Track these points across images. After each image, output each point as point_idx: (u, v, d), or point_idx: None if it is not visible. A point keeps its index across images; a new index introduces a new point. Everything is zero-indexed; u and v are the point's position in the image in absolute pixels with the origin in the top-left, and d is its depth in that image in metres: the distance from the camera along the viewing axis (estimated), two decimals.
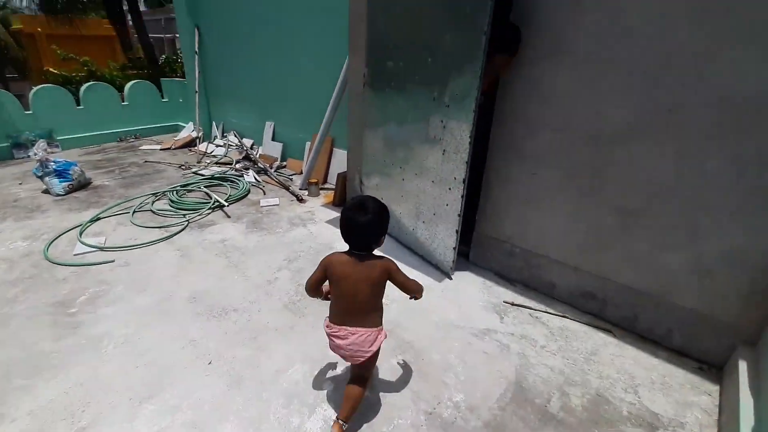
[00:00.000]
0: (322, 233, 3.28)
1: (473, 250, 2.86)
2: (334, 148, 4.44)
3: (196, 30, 5.86)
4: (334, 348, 1.55)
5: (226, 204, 3.71)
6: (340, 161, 4.37)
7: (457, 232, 2.50)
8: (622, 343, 2.13)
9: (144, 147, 6.08)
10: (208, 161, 5.28)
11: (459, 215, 2.44)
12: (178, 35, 6.36)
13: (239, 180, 4.41)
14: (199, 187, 4.24)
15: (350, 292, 1.46)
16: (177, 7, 5.84)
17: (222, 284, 2.53)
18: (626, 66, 1.93)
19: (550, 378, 1.87)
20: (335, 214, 3.67)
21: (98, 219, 3.44)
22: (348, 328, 1.48)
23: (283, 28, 4.57)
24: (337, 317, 1.52)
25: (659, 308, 2.11)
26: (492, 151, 2.54)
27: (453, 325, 2.21)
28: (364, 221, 1.44)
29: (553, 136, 2.25)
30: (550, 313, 2.34)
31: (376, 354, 1.55)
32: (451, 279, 2.65)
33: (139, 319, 2.18)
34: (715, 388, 1.85)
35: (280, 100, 4.99)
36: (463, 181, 2.35)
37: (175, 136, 6.71)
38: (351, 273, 1.46)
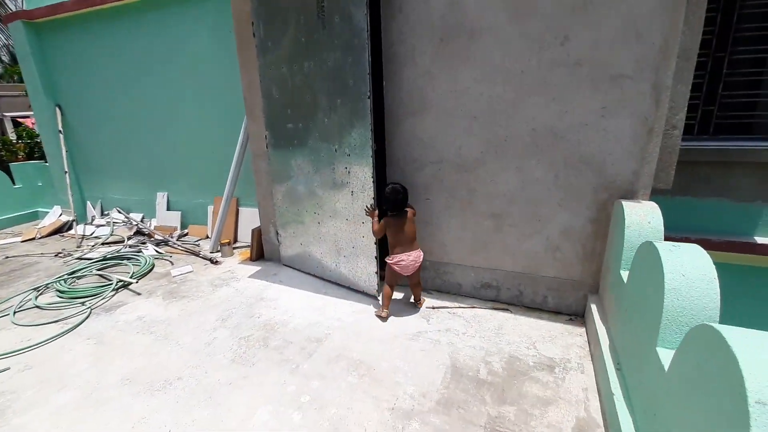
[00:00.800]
0: (248, 288, 3.34)
1: None
2: (240, 208, 4.54)
3: (57, 109, 5.44)
4: (402, 269, 2.67)
5: (134, 281, 3.49)
6: (246, 219, 4.49)
7: (376, 258, 2.90)
8: (517, 315, 2.75)
9: None
10: (92, 243, 4.79)
11: (375, 243, 2.86)
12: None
13: (138, 256, 4.15)
14: (91, 271, 3.86)
15: (401, 231, 2.67)
16: (31, 88, 5.36)
17: (156, 359, 2.44)
18: (469, 113, 2.67)
19: (475, 354, 2.34)
20: (255, 268, 3.75)
21: None
22: (407, 252, 2.67)
23: (168, 100, 4.64)
24: (398, 249, 2.68)
25: (534, 282, 2.80)
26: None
27: (391, 335, 2.55)
28: (402, 195, 2.66)
29: (433, 168, 2.89)
30: (462, 307, 2.87)
31: (421, 265, 2.76)
32: (378, 300, 3.00)
33: (70, 416, 1.99)
34: (582, 330, 2.55)
35: (173, 170, 4.92)
36: None
37: (37, 224, 5.87)
38: (399, 222, 2.67)
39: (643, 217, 2.11)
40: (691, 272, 1.47)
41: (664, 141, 2.44)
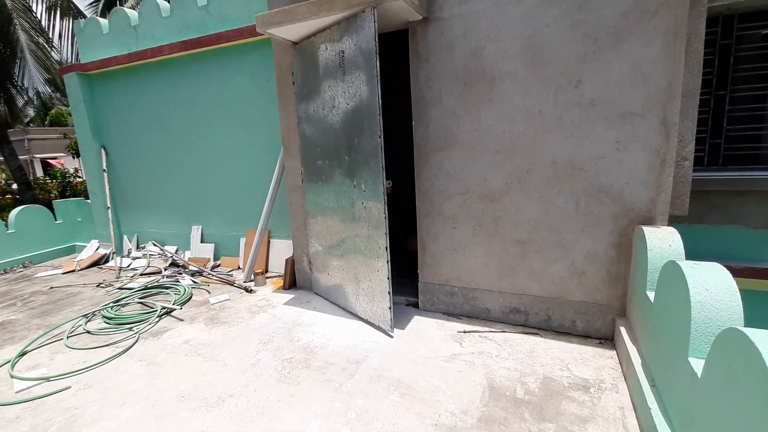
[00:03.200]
0: (285, 314, 3.51)
1: (421, 299, 3.45)
2: (271, 240, 4.79)
3: (102, 150, 5.91)
4: None
5: (179, 307, 3.69)
6: (276, 250, 4.72)
7: (389, 293, 2.97)
8: (548, 339, 2.85)
9: (41, 274, 5.48)
10: (131, 275, 5.05)
11: (388, 277, 2.95)
12: (37, 156, 6.15)
13: (177, 285, 4.38)
14: (134, 300, 4.08)
15: None
16: (80, 130, 5.87)
17: (206, 378, 2.59)
18: (492, 148, 2.93)
19: (510, 375, 2.45)
20: (289, 296, 3.94)
21: (25, 353, 3.11)
22: None
23: (206, 140, 5.04)
24: None
25: (562, 307, 2.93)
26: (420, 216, 3.30)
27: (426, 358, 2.68)
28: None
29: (461, 199, 3.12)
30: (493, 332, 2.99)
31: None
32: (392, 337, 3.00)
33: (135, 429, 2.14)
34: (612, 353, 2.64)
35: (208, 205, 5.24)
36: (386, 249, 2.91)
37: (75, 258, 6.19)
38: None
39: (663, 240, 2.28)
40: (713, 286, 1.62)
41: (676, 171, 2.64)
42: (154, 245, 5.73)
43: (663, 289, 1.97)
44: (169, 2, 5.01)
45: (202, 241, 5.37)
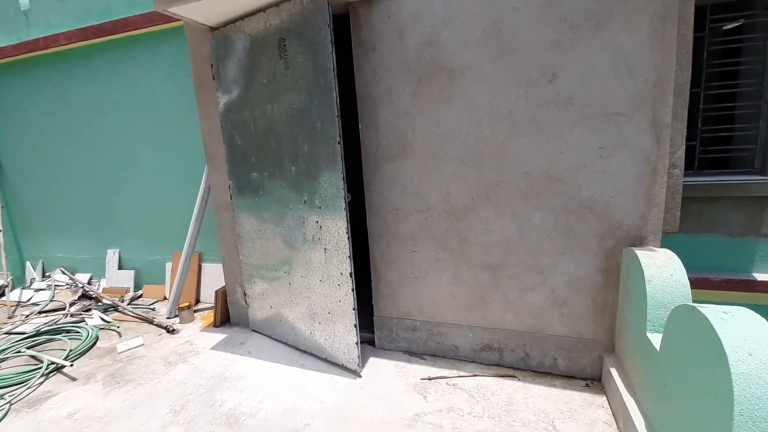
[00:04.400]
0: (210, 363, 2.84)
1: (378, 335, 2.89)
2: (203, 264, 4.06)
3: None
4: None
5: (69, 363, 2.90)
6: (210, 276, 4.01)
7: (355, 326, 2.49)
8: (527, 383, 2.39)
9: None
10: (27, 313, 4.13)
11: (354, 308, 2.46)
12: None
13: (80, 327, 3.55)
14: (20, 351, 3.24)
15: None
16: None
17: None
18: (455, 156, 2.43)
19: None
20: (220, 336, 3.25)
21: None
22: None
23: (120, 148, 4.22)
24: None
25: (542, 342, 2.48)
26: (372, 238, 2.75)
27: (383, 422, 2.12)
28: None
29: (420, 216, 2.60)
30: (463, 376, 2.49)
31: None
32: (360, 376, 2.57)
33: None
34: (603, 399, 2.21)
35: (126, 224, 4.41)
36: (350, 275, 2.41)
37: None
38: None
39: (663, 269, 1.86)
40: (757, 349, 1.19)
41: (666, 181, 2.26)
42: (63, 273, 4.79)
43: (676, 339, 1.53)
44: None
45: (120, 267, 4.52)
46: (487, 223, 2.45)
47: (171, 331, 3.40)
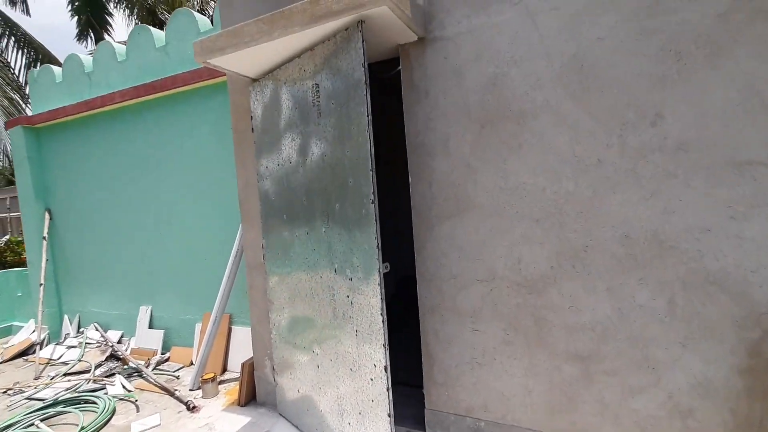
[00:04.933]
0: None
1: None
2: (233, 327, 3.73)
3: (46, 213, 5.02)
4: None
5: None
6: (241, 343, 3.64)
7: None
8: None
9: None
10: (53, 374, 3.92)
11: (390, 415, 1.93)
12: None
13: (98, 397, 3.25)
14: (33, 424, 2.95)
15: None
16: (22, 190, 5.03)
17: None
18: (528, 215, 1.98)
19: None
20: (243, 420, 2.80)
21: None
22: None
23: (161, 202, 4.15)
24: None
25: None
26: (424, 311, 2.28)
27: None
28: None
29: (483, 287, 2.12)
30: None
31: None
32: None
33: None
34: None
35: (160, 280, 4.24)
36: (386, 369, 1.91)
37: (7, 342, 5.09)
38: None
39: None
40: None
41: None
42: (96, 329, 4.64)
43: None
44: (126, 46, 4.35)
45: (150, 326, 4.29)
46: (572, 300, 1.93)
47: (191, 408, 3.00)
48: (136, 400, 3.22)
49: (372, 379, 1.98)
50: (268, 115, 2.52)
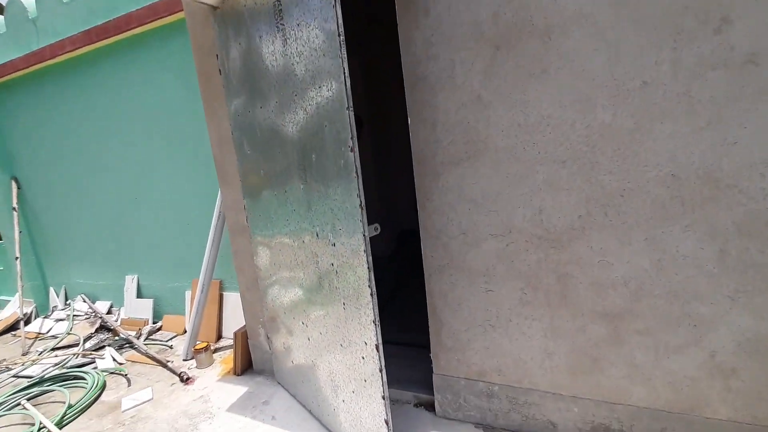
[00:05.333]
0: None
1: (439, 399, 2.16)
2: (224, 293, 3.51)
3: (13, 182, 4.62)
4: None
5: (58, 431, 2.40)
6: (234, 308, 3.43)
7: (386, 422, 1.74)
8: None
9: None
10: (41, 349, 3.75)
11: (383, 397, 1.71)
12: None
13: (87, 373, 3.08)
14: (19, 404, 2.80)
15: None
16: None
17: None
18: (552, 156, 1.66)
19: None
20: (240, 389, 2.64)
21: None
22: None
23: (134, 163, 3.76)
24: None
25: (690, 428, 1.65)
26: (430, 271, 2.03)
27: None
28: None
29: (498, 243, 1.84)
30: None
31: None
32: None
33: None
34: None
35: (142, 248, 3.96)
36: (377, 348, 1.67)
37: None
38: None
39: None
40: None
41: None
42: (84, 301, 4.44)
43: None
44: None
45: (138, 296, 4.08)
46: (603, 253, 1.66)
47: (185, 380, 2.84)
48: (127, 374, 3.06)
49: (363, 358, 1.76)
50: (233, 50, 2.10)
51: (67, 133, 4.08)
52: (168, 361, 3.11)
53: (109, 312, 4.30)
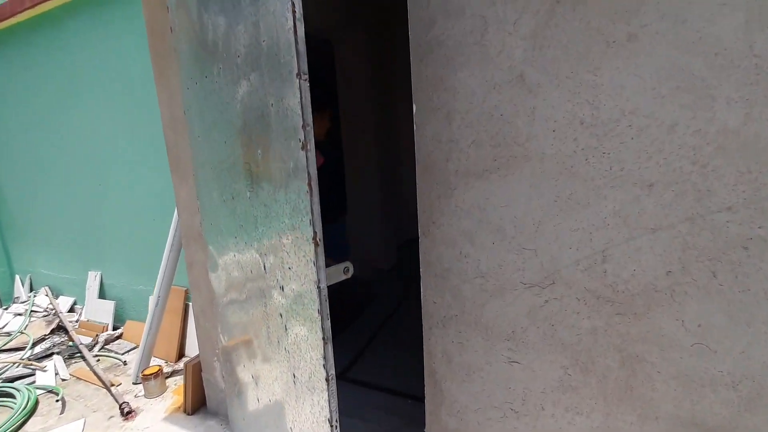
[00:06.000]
0: None
1: None
2: (189, 303, 2.99)
3: None
4: None
5: None
6: None
7: None
8: None
9: None
10: None
11: None
12: None
13: (18, 390, 2.60)
14: None
15: None
16: None
17: None
18: (633, 175, 1.06)
19: None
20: None
21: None
22: None
23: (96, 146, 3.25)
24: None
25: None
26: (430, 325, 1.44)
27: None
28: None
29: (532, 297, 1.25)
30: None
31: None
32: None
33: None
34: None
35: (107, 241, 3.47)
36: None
37: None
38: None
39: None
40: None
41: None
42: (47, 295, 3.99)
43: None
44: None
45: (101, 296, 3.59)
46: (702, 333, 1.06)
47: (126, 413, 2.33)
48: (63, 396, 2.56)
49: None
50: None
51: (30, 105, 3.60)
52: (114, 385, 2.61)
53: (71, 310, 3.84)
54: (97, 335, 3.32)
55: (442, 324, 1.42)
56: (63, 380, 2.79)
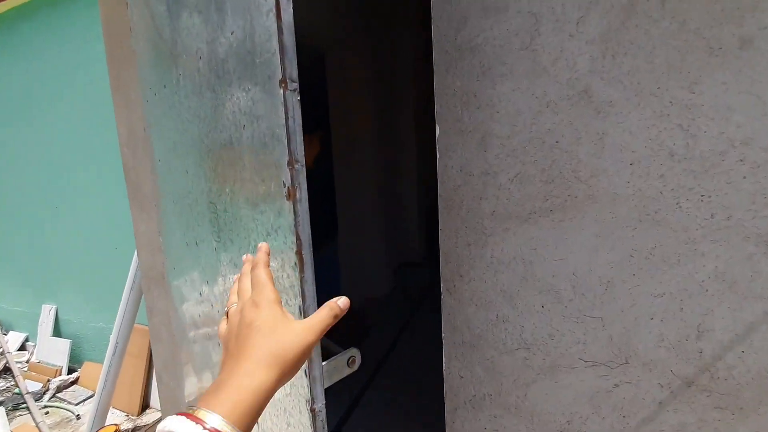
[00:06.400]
0: None
1: None
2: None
3: None
4: None
5: None
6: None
7: None
8: None
9: None
10: None
11: None
12: None
13: None
14: None
15: None
16: None
17: None
18: (746, 225, 0.78)
19: None
20: None
21: None
22: None
23: (53, 164, 2.87)
24: None
25: None
26: (455, 405, 1.13)
27: None
28: None
29: (598, 377, 0.95)
30: None
31: None
32: None
33: None
34: None
35: (61, 271, 3.05)
36: None
37: None
38: None
39: None
40: None
41: None
42: None
43: None
44: None
45: (55, 333, 3.15)
46: None
47: None
48: None
49: None
50: None
51: None
52: None
53: (22, 347, 3.38)
54: (48, 381, 2.87)
55: (471, 405, 1.11)
56: None
